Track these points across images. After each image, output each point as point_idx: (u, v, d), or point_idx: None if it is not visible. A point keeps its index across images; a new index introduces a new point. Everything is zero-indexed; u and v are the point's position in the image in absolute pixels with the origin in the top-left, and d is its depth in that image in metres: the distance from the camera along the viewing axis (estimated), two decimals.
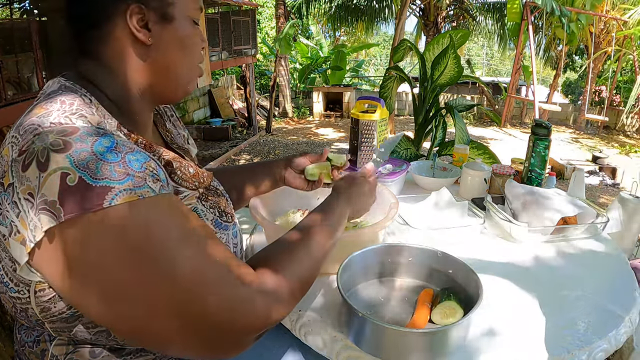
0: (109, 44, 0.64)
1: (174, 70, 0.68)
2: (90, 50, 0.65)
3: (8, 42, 3.39)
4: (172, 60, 0.67)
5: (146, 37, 0.64)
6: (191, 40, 0.69)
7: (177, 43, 0.67)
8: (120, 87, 0.66)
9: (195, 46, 0.70)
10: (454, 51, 2.17)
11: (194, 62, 0.71)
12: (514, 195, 1.25)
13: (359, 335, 0.75)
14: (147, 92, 0.68)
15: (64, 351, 0.63)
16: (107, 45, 0.64)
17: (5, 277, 0.57)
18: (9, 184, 0.51)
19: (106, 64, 0.65)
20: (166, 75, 0.68)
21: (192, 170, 0.69)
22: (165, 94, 0.71)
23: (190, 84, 0.72)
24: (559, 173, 5.51)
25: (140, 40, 0.63)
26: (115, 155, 0.51)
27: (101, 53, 0.64)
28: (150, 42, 0.64)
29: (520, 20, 8.29)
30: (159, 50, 0.66)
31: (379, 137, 1.45)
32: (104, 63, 0.65)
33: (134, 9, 0.62)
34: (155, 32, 0.64)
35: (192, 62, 0.71)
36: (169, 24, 0.65)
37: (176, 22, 0.66)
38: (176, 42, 0.67)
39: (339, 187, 0.88)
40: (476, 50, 23.96)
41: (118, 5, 0.62)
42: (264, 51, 12.38)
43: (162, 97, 0.71)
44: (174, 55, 0.67)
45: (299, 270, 0.64)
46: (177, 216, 0.55)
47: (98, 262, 0.49)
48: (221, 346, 0.55)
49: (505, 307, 0.87)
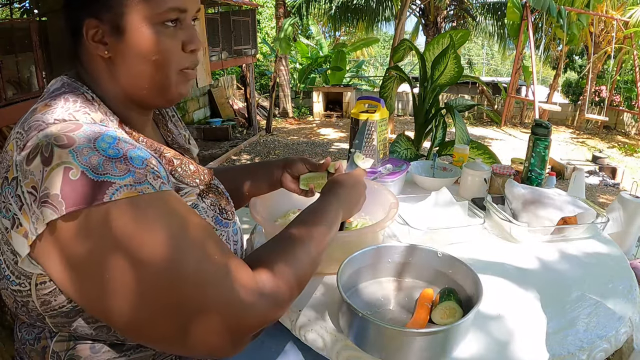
0: (83, 54, 0.65)
1: (145, 80, 0.64)
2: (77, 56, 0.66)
3: (8, 42, 3.39)
4: (139, 70, 0.63)
5: (102, 51, 0.62)
6: (157, 46, 0.62)
7: (139, 53, 0.62)
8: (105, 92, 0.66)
9: (162, 54, 0.63)
10: (454, 51, 2.17)
11: (166, 71, 0.65)
12: (514, 195, 1.25)
13: (359, 335, 0.75)
14: (129, 99, 0.67)
15: (64, 347, 0.64)
16: (83, 54, 0.65)
17: (6, 270, 0.58)
18: (13, 177, 0.53)
19: (88, 71, 0.66)
20: (139, 84, 0.65)
21: (193, 168, 0.69)
22: (148, 101, 0.68)
23: (171, 92, 0.67)
24: (559, 173, 5.51)
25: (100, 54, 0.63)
26: (117, 151, 0.52)
27: (82, 61, 0.66)
28: (108, 55, 0.63)
29: (520, 20, 8.29)
30: (120, 62, 0.63)
31: (379, 137, 1.46)
32: (86, 70, 0.66)
33: (90, 23, 0.61)
34: (111, 45, 0.62)
35: (163, 71, 0.65)
36: (123, 35, 0.61)
37: (132, 31, 0.61)
38: (137, 52, 0.62)
39: (329, 188, 0.87)
40: (476, 50, 23.96)
41: (80, 19, 0.62)
42: (264, 51, 12.38)
43: (146, 104, 0.69)
44: (138, 65, 0.63)
45: (297, 270, 0.64)
46: (177, 213, 0.55)
47: (97, 256, 0.50)
48: (219, 344, 0.55)
49: (505, 307, 0.87)
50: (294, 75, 11.44)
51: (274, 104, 8.70)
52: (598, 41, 8.85)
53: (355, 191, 0.88)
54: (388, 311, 0.85)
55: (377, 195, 1.12)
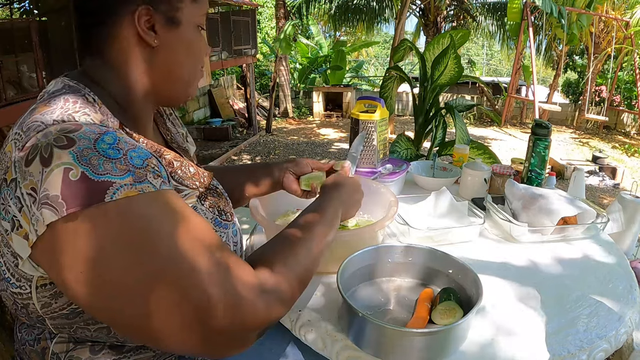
0: (115, 43, 0.65)
1: (176, 74, 0.69)
2: (96, 48, 0.66)
3: (8, 42, 3.39)
4: (176, 63, 0.68)
5: (152, 39, 0.64)
6: (196, 45, 0.70)
7: (182, 47, 0.68)
8: (123, 87, 0.67)
9: (200, 51, 0.71)
10: (454, 51, 2.17)
11: (196, 67, 0.72)
12: (514, 195, 1.25)
13: (359, 335, 0.75)
14: (150, 93, 0.69)
15: (64, 349, 0.63)
16: (113, 44, 0.65)
17: (6, 273, 0.58)
18: (12, 179, 0.52)
19: (111, 63, 0.66)
20: (169, 78, 0.69)
21: (193, 170, 0.69)
22: (168, 96, 0.72)
23: (192, 88, 0.73)
24: (559, 173, 5.51)
25: (146, 42, 0.64)
26: (117, 151, 0.52)
27: (106, 52, 0.65)
28: (156, 44, 0.65)
29: (521, 20, 8.29)
30: (164, 53, 0.66)
31: (379, 137, 1.46)
32: (108, 62, 0.66)
33: (142, 11, 0.63)
34: (161, 35, 0.65)
35: (195, 66, 0.72)
36: (176, 28, 0.66)
37: (182, 26, 0.67)
38: (181, 46, 0.68)
39: (328, 188, 0.87)
40: (476, 50, 23.96)
41: (127, 5, 0.62)
42: (264, 51, 12.38)
43: (164, 100, 0.73)
44: (177, 58, 0.68)
45: (298, 269, 0.64)
46: (177, 212, 0.55)
47: (98, 257, 0.50)
48: (221, 344, 0.55)
49: (505, 307, 0.87)
50: (294, 75, 11.44)
51: (274, 104, 8.71)
52: (598, 41, 8.85)
53: (353, 190, 0.89)
54: (388, 311, 0.85)
55: (376, 194, 1.12)
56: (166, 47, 0.66)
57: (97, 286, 0.51)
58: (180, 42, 0.67)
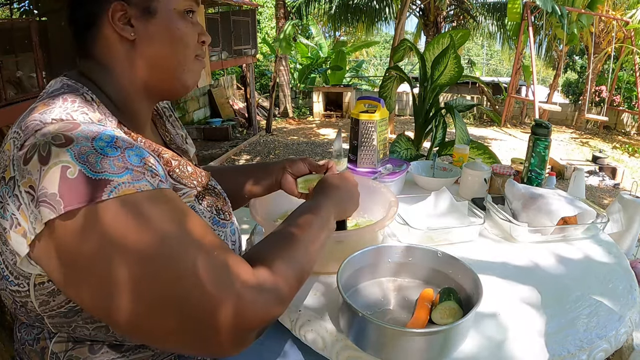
0: (100, 43, 0.66)
1: (163, 64, 0.68)
2: (87, 50, 0.67)
3: (8, 42, 3.39)
4: (160, 53, 0.67)
5: (129, 33, 0.65)
6: (180, 32, 0.67)
7: (163, 36, 0.66)
8: (115, 85, 0.67)
9: (186, 37, 0.68)
10: (454, 51, 2.17)
11: (186, 54, 0.70)
12: (514, 195, 1.25)
13: (359, 335, 0.75)
14: (142, 89, 0.69)
15: (63, 348, 0.64)
16: (98, 45, 0.66)
17: (5, 271, 0.58)
18: (10, 177, 0.52)
19: (102, 63, 0.67)
20: (157, 69, 0.68)
21: (190, 169, 0.70)
22: (161, 89, 0.71)
23: (187, 77, 0.71)
24: (559, 173, 5.51)
25: (125, 37, 0.65)
26: (115, 150, 0.52)
27: (96, 52, 0.67)
28: (133, 37, 0.65)
29: (521, 20, 8.29)
30: (145, 45, 0.66)
31: (379, 137, 1.45)
32: (100, 62, 0.67)
33: (116, 7, 0.63)
34: (138, 27, 0.65)
35: (184, 54, 0.69)
36: (152, 17, 0.65)
37: (159, 15, 0.66)
38: (162, 35, 0.66)
39: (319, 188, 0.86)
40: (476, 50, 23.96)
41: (102, 5, 0.64)
42: (264, 51, 12.37)
43: (158, 93, 0.72)
44: (161, 48, 0.67)
45: (295, 266, 0.64)
46: (175, 210, 0.55)
47: (96, 255, 0.50)
48: (220, 343, 0.55)
49: (505, 307, 0.87)
50: (294, 75, 11.44)
51: (274, 104, 8.71)
52: (598, 41, 8.85)
53: (346, 190, 0.87)
54: (388, 311, 0.85)
55: (376, 194, 1.12)
56: (145, 38, 0.66)
57: (94, 284, 0.51)
58: (160, 32, 0.66)
